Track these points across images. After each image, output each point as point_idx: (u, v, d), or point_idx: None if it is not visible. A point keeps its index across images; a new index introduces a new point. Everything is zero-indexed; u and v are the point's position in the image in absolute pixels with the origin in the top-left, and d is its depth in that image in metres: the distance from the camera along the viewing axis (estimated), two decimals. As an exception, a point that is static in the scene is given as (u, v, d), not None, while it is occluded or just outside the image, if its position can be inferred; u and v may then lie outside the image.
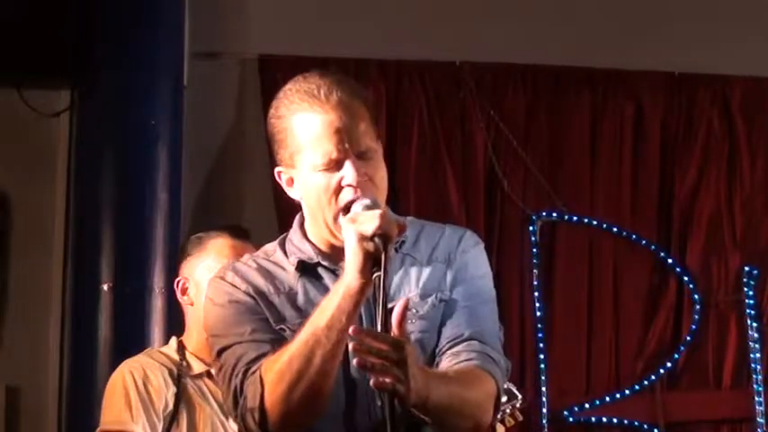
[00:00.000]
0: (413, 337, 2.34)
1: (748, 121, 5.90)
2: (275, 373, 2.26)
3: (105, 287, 4.75)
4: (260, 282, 2.41)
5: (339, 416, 2.33)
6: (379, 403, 2.28)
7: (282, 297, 2.40)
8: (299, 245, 2.45)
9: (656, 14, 5.87)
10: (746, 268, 5.79)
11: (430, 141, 5.64)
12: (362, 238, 2.21)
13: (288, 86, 2.43)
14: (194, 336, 3.29)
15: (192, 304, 3.30)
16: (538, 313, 5.61)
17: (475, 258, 2.53)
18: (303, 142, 2.37)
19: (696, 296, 5.74)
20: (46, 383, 5.27)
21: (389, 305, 2.25)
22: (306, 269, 2.42)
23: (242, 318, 2.38)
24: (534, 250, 5.65)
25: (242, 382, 2.32)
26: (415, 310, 2.40)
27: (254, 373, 2.30)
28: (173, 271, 4.66)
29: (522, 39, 5.75)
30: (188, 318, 3.36)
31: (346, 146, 2.34)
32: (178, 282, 3.35)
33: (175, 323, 4.24)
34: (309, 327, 2.25)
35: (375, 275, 2.19)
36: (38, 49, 5.01)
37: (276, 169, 2.47)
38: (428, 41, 5.65)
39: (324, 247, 2.43)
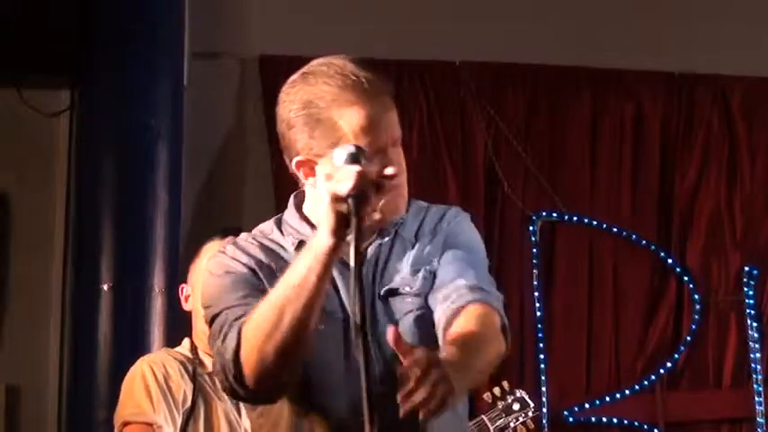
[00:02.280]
0: (411, 316, 2.36)
1: (748, 121, 5.90)
2: (250, 328, 2.25)
3: (105, 287, 4.75)
4: (262, 256, 2.41)
5: (340, 391, 2.32)
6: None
7: (283, 273, 2.36)
8: (297, 227, 2.45)
9: (656, 15, 5.87)
10: (746, 268, 5.79)
11: (430, 141, 5.64)
12: (336, 198, 2.15)
13: (315, 74, 2.43)
14: (201, 339, 3.32)
15: (192, 311, 3.35)
16: (538, 313, 5.61)
17: (460, 224, 2.52)
18: (345, 133, 2.33)
19: (696, 296, 5.75)
20: (46, 383, 5.27)
21: (386, 287, 2.33)
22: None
23: (236, 286, 2.37)
24: (534, 250, 5.66)
25: (224, 337, 2.31)
26: (408, 288, 2.40)
27: (234, 329, 2.29)
28: (173, 271, 4.69)
29: (523, 39, 5.75)
30: (193, 322, 3.39)
31: (386, 137, 2.36)
32: (181, 290, 3.40)
33: (175, 323, 4.26)
34: (280, 285, 2.24)
35: (349, 237, 2.13)
36: (38, 49, 5.01)
37: (295, 158, 2.40)
38: (428, 41, 5.65)
39: None
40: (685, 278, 5.76)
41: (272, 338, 2.23)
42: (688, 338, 5.73)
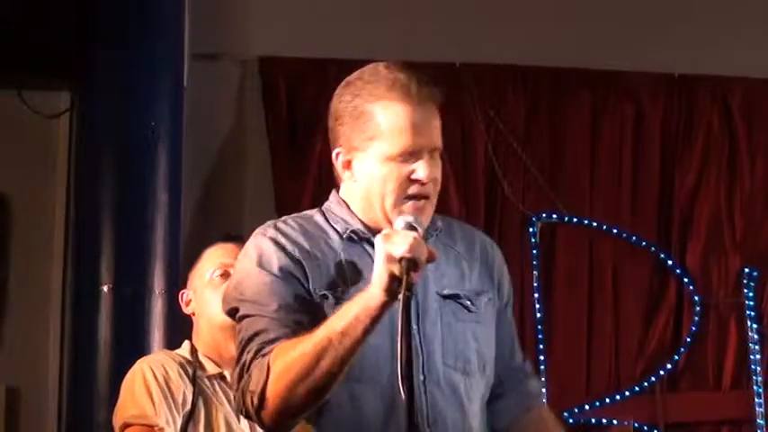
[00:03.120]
0: (466, 327, 2.46)
1: (748, 121, 5.90)
2: (283, 365, 2.26)
3: (105, 288, 4.74)
4: (305, 244, 2.41)
5: (382, 382, 2.34)
6: (422, 378, 2.37)
7: (330, 263, 2.40)
8: (345, 217, 2.46)
9: (655, 16, 5.87)
10: (746, 269, 5.79)
11: (430, 142, 5.63)
12: (390, 259, 2.21)
13: (368, 73, 2.49)
14: (203, 342, 3.31)
15: (193, 314, 3.33)
16: (538, 314, 5.61)
17: (509, 281, 2.65)
18: (383, 130, 2.40)
19: (696, 297, 5.75)
20: (46, 383, 5.27)
21: (444, 292, 2.42)
22: (352, 240, 2.43)
23: (273, 288, 2.36)
24: (534, 251, 5.66)
25: (251, 360, 2.32)
26: (469, 302, 2.48)
27: (264, 355, 2.30)
28: (173, 272, 4.69)
29: (522, 40, 5.75)
30: (195, 326, 3.38)
31: (423, 142, 2.40)
32: (181, 295, 3.38)
33: (175, 325, 4.25)
34: (325, 328, 2.25)
35: (401, 296, 2.19)
36: (38, 50, 5.00)
37: (336, 150, 2.46)
38: (428, 43, 5.65)
39: (372, 227, 2.44)
40: (685, 279, 5.76)
41: (305, 382, 2.25)
42: (688, 340, 5.73)
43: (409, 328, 2.18)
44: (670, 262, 5.77)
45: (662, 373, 5.69)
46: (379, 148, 2.40)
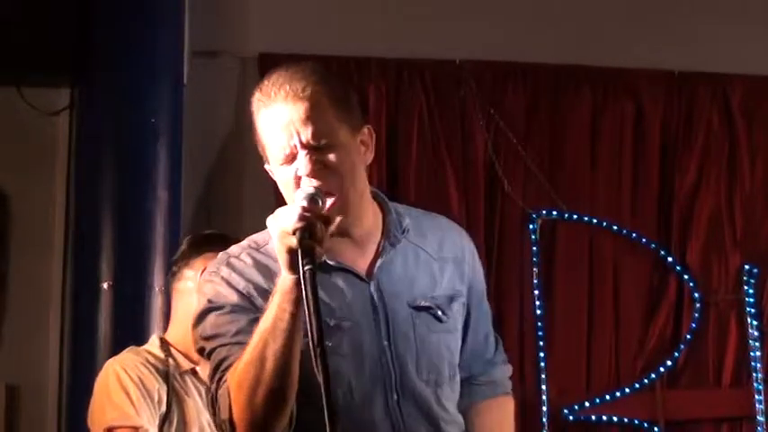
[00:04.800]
0: (440, 338, 2.44)
1: (748, 120, 5.90)
2: (236, 382, 2.25)
3: (105, 286, 4.75)
4: (259, 279, 2.39)
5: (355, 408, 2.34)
6: (395, 397, 2.35)
7: None
8: None
9: (656, 13, 5.87)
10: (746, 267, 5.79)
11: (430, 140, 5.63)
12: (283, 235, 2.19)
13: (259, 84, 2.46)
14: (180, 332, 3.27)
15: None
16: (538, 312, 5.61)
17: (479, 265, 2.62)
18: (266, 139, 2.41)
19: (696, 295, 5.74)
20: (46, 381, 5.27)
21: (417, 303, 2.40)
22: None
23: (230, 318, 2.35)
24: (534, 249, 5.65)
25: (216, 391, 2.31)
26: (440, 312, 2.45)
27: (225, 381, 2.29)
28: (173, 270, 4.67)
29: (522, 37, 5.75)
30: (177, 312, 3.34)
31: (296, 138, 2.35)
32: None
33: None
34: (257, 332, 2.24)
35: (306, 269, 2.15)
36: (38, 48, 5.00)
37: (265, 165, 2.49)
38: (428, 40, 5.65)
39: None
40: (685, 277, 5.76)
41: (259, 389, 2.22)
42: (688, 337, 5.73)
43: (317, 300, 2.12)
44: (670, 259, 5.76)
45: (662, 370, 5.69)
46: (271, 157, 2.41)
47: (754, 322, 5.74)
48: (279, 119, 2.36)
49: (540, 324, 5.59)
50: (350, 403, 2.33)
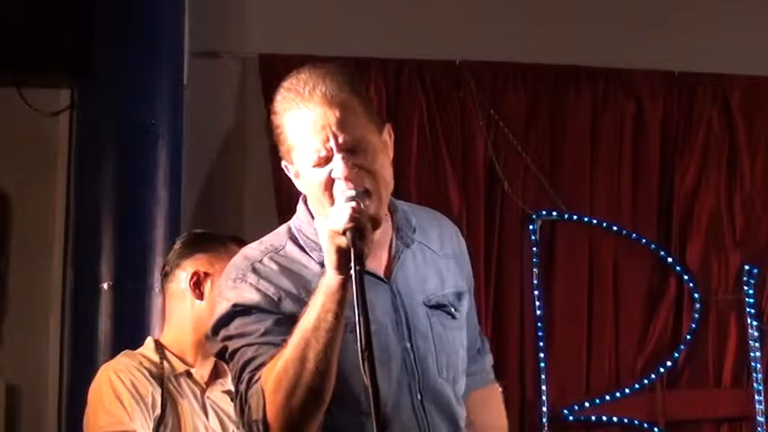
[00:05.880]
0: (454, 335, 2.47)
1: (748, 120, 5.90)
2: (273, 382, 2.23)
3: (105, 286, 4.74)
4: (289, 285, 2.37)
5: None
6: (419, 397, 2.37)
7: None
8: (317, 240, 2.40)
9: (656, 13, 5.87)
10: (746, 267, 5.80)
11: (430, 140, 5.64)
12: (334, 234, 2.18)
13: (284, 82, 2.44)
14: (175, 334, 3.27)
15: (201, 298, 3.27)
16: (538, 312, 5.61)
17: (470, 261, 2.64)
18: (295, 140, 2.37)
19: (696, 295, 5.75)
20: (46, 383, 5.27)
21: (431, 302, 2.42)
22: None
23: (257, 318, 2.33)
24: (534, 249, 5.66)
25: (246, 391, 2.29)
26: (453, 309, 2.47)
27: (256, 381, 2.27)
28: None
29: (522, 38, 5.76)
30: (171, 315, 3.33)
31: (333, 141, 2.33)
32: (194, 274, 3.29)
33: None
34: (298, 331, 2.22)
35: (352, 271, 2.15)
36: (38, 49, 5.00)
37: (282, 163, 2.46)
38: (428, 40, 5.65)
39: None
40: (685, 277, 5.76)
41: (298, 390, 2.21)
42: (688, 337, 5.73)
43: (365, 302, 2.12)
44: (670, 259, 5.77)
45: (662, 370, 5.69)
46: (300, 158, 2.38)
47: (754, 322, 5.74)
48: (313, 121, 2.34)
49: (540, 324, 5.60)
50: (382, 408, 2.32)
